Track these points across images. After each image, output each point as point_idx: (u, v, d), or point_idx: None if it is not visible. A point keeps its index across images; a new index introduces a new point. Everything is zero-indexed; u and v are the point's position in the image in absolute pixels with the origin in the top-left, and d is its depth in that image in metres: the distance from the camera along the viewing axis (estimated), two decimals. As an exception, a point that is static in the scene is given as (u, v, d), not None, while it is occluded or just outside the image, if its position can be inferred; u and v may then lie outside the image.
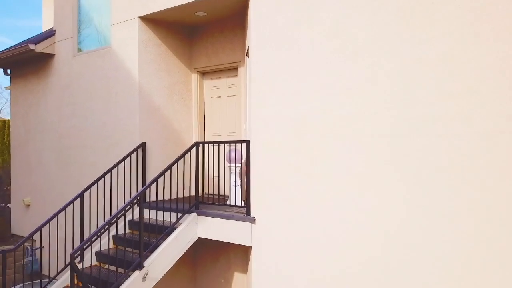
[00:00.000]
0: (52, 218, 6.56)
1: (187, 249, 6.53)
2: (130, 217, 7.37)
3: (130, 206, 6.32)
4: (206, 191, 8.15)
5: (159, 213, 7.00)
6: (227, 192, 7.69)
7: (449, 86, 4.43)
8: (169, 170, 6.57)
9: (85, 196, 7.18)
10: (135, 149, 7.55)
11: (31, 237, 6.45)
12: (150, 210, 7.09)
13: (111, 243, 7.09)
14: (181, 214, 6.56)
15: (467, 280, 4.33)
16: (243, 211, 6.28)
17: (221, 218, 6.35)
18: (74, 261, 5.24)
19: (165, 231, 6.39)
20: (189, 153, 6.89)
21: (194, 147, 6.66)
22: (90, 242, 5.80)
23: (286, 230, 5.63)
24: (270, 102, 5.80)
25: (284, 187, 5.65)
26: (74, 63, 9.11)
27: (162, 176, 6.48)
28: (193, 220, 6.57)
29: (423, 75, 4.58)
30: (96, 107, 8.55)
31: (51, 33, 9.69)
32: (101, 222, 7.41)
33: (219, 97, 8.31)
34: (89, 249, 6.77)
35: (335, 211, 5.20)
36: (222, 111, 8.26)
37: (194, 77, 8.46)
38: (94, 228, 7.50)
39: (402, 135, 4.71)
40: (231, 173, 6.83)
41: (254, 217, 5.98)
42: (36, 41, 9.53)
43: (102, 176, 7.27)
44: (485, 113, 4.24)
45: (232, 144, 6.86)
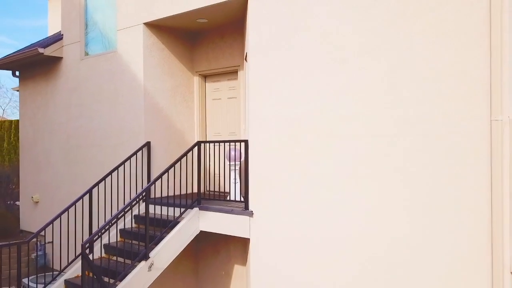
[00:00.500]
0: (63, 213, 7.00)
1: (190, 242, 6.97)
2: (135, 212, 7.79)
3: (136, 201, 6.75)
4: (207, 188, 8.58)
5: (163, 208, 7.44)
6: (227, 189, 8.13)
7: (431, 88, 4.88)
8: (172, 168, 7.01)
9: (93, 192, 7.62)
10: (140, 148, 8.00)
11: (43, 230, 6.89)
12: (155, 205, 7.53)
13: (118, 237, 7.52)
14: (184, 209, 7.00)
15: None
16: (242, 206, 6.72)
17: (221, 212, 6.80)
18: (85, 251, 5.67)
19: (169, 225, 6.83)
20: (191, 152, 7.31)
21: (196, 146, 7.11)
22: (100, 233, 6.23)
23: (281, 223, 6.08)
24: (267, 104, 6.25)
25: (280, 184, 6.10)
26: (81, 66, 9.55)
27: (166, 173, 6.92)
28: (195, 214, 7.01)
29: (408, 78, 5.03)
30: (102, 108, 8.99)
31: (59, 37, 10.13)
32: (108, 217, 7.85)
33: (220, 99, 8.75)
34: (97, 242, 7.22)
35: (327, 205, 5.64)
36: (222, 112, 8.69)
37: (196, 80, 8.90)
38: (101, 223, 7.92)
39: (391, 135, 5.15)
40: (231, 171, 7.28)
41: (252, 211, 6.42)
42: (45, 44, 9.97)
43: (109, 174, 7.71)
44: (465, 114, 4.69)
45: (232, 143, 7.29)
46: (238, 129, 8.37)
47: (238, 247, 7.92)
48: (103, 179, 7.67)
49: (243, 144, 6.86)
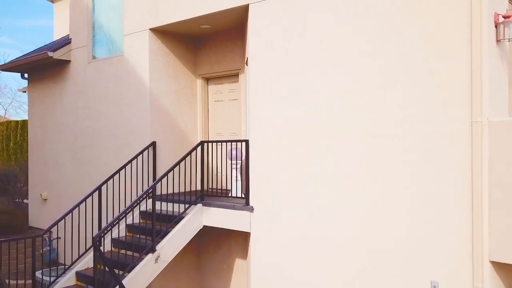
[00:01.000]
0: (75, 208, 7.43)
1: (193, 236, 7.38)
2: (142, 208, 8.22)
3: (143, 197, 7.16)
4: (210, 186, 8.99)
5: (169, 205, 7.85)
6: (229, 186, 8.54)
7: (418, 91, 5.30)
8: (177, 166, 7.42)
9: (102, 189, 8.02)
10: (147, 148, 8.42)
11: (56, 224, 7.30)
12: (161, 202, 7.93)
13: (126, 231, 7.94)
14: (188, 205, 7.42)
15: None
16: (243, 202, 7.14)
17: (223, 208, 7.22)
18: (97, 243, 6.09)
19: (174, 220, 7.25)
20: (195, 151, 7.72)
21: (200, 146, 7.53)
22: (111, 227, 6.63)
23: (280, 217, 6.51)
24: (267, 105, 6.68)
25: (279, 181, 6.52)
26: (89, 69, 9.97)
27: (171, 171, 7.33)
28: (198, 210, 7.43)
29: (396, 83, 5.45)
30: (109, 109, 9.41)
31: (67, 41, 10.54)
32: (116, 213, 8.27)
33: (222, 101, 9.16)
34: (106, 236, 7.63)
35: (324, 202, 6.07)
36: (223, 113, 9.11)
37: (199, 82, 9.32)
38: (109, 218, 8.31)
39: (382, 135, 5.57)
40: (233, 169, 7.71)
41: (252, 206, 6.84)
42: (54, 48, 10.39)
43: (117, 172, 8.13)
44: (447, 117, 5.11)
45: (233, 143, 7.70)
46: (239, 130, 8.79)
47: (239, 241, 8.34)
48: (112, 176, 8.08)
49: (244, 144, 7.28)
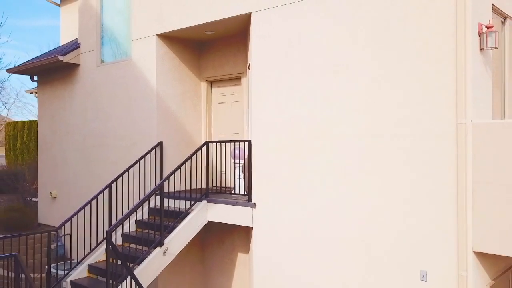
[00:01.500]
0: (87, 205, 7.86)
1: (198, 232, 7.81)
2: (150, 205, 8.64)
3: (151, 195, 7.59)
4: (214, 184, 9.42)
5: (175, 201, 8.28)
6: (232, 184, 8.98)
7: (409, 94, 5.74)
8: (183, 165, 7.85)
9: (112, 187, 8.46)
10: (153, 148, 8.86)
11: (70, 220, 7.72)
12: (168, 199, 8.37)
13: (135, 227, 8.37)
14: (194, 202, 7.86)
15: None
16: (246, 199, 7.58)
17: (227, 204, 7.66)
18: (111, 237, 6.52)
19: (180, 215, 7.69)
20: (200, 150, 8.15)
21: (204, 146, 7.97)
22: (122, 222, 7.05)
23: (280, 213, 6.95)
24: (268, 108, 7.12)
25: (279, 179, 6.97)
26: (98, 73, 10.40)
27: (178, 170, 7.76)
28: (203, 206, 7.87)
29: (389, 87, 5.89)
30: (117, 111, 9.84)
31: (76, 45, 10.98)
32: (125, 210, 8.70)
33: (225, 103, 9.60)
34: (117, 231, 8.05)
35: (319, 197, 6.51)
36: (226, 115, 9.55)
37: (203, 85, 9.76)
38: (119, 215, 8.74)
39: (376, 135, 6.00)
40: (236, 168, 8.15)
41: (254, 203, 7.28)
42: (63, 52, 10.83)
43: (126, 170, 8.57)
44: (436, 119, 5.55)
45: (236, 143, 8.12)
46: (241, 130, 9.22)
47: (242, 237, 8.77)
48: (121, 175, 8.51)
49: (246, 144, 7.71)
